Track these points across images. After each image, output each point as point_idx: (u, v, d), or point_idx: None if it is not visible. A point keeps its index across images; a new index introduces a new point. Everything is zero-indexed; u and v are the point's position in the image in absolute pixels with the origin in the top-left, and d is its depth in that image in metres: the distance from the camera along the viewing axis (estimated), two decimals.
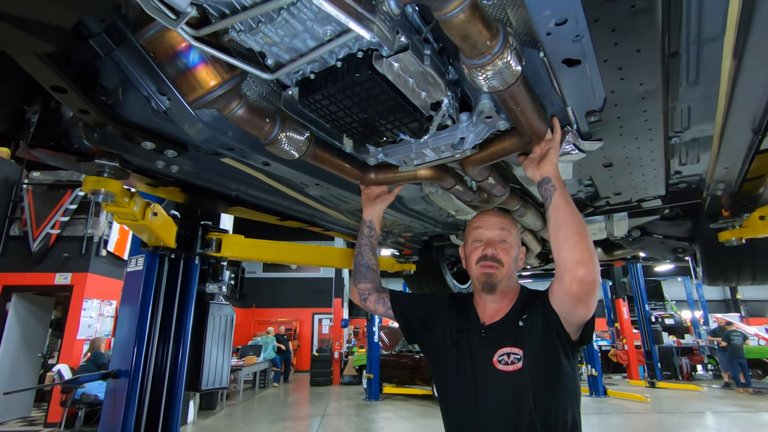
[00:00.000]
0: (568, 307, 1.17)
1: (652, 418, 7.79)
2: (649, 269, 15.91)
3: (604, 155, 1.39)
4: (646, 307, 11.95)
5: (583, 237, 1.12)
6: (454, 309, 1.41)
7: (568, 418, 1.18)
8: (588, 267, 1.09)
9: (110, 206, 1.44)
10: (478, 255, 1.33)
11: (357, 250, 1.58)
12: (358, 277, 1.55)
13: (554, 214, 1.18)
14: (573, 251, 1.11)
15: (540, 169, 1.23)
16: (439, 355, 1.36)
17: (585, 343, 1.24)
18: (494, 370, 1.21)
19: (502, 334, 1.26)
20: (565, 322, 1.19)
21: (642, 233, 2.53)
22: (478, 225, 1.37)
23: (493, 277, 1.31)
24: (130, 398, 1.95)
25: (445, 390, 1.33)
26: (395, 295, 1.52)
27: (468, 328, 1.33)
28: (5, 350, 7.83)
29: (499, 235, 1.34)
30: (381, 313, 1.52)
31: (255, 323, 17.31)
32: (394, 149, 1.37)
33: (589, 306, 1.16)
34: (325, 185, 1.64)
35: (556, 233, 1.15)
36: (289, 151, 1.23)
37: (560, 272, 1.14)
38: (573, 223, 1.14)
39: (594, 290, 1.12)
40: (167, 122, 1.22)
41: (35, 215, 8.13)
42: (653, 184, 1.64)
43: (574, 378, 1.23)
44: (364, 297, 1.54)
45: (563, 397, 1.19)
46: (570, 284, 1.11)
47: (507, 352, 1.22)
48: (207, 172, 1.54)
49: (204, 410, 8.76)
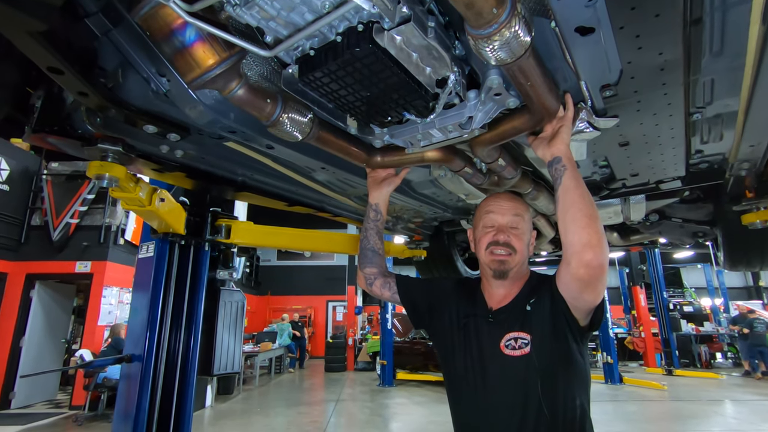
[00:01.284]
0: (575, 292, 1.13)
1: (668, 405, 7.69)
2: (668, 256, 15.60)
3: (620, 133, 1.32)
4: (664, 294, 11.72)
5: (592, 219, 1.07)
6: (462, 294, 1.39)
7: (576, 404, 1.15)
8: (596, 251, 1.05)
9: (116, 191, 1.44)
10: (488, 240, 1.30)
11: (363, 234, 1.55)
12: (364, 261, 1.53)
13: (563, 195, 1.13)
14: (581, 234, 1.06)
15: (551, 148, 1.18)
16: (446, 340, 1.33)
17: (594, 329, 1.20)
18: (501, 355, 1.19)
19: (509, 318, 1.23)
20: (572, 307, 1.15)
21: (660, 217, 2.43)
22: (489, 209, 1.33)
23: (505, 264, 1.28)
24: (144, 382, 1.98)
25: (451, 375, 1.31)
26: (402, 280, 1.50)
27: (475, 313, 1.30)
28: (30, 336, 8.10)
29: (512, 221, 1.30)
30: (387, 297, 1.50)
31: (270, 310, 17.59)
32: (400, 130, 1.33)
33: (597, 291, 1.11)
34: (331, 169, 1.61)
35: (564, 215, 1.11)
36: (291, 132, 1.20)
37: (567, 256, 1.10)
38: (582, 204, 1.09)
39: (601, 275, 1.08)
40: (169, 105, 1.20)
41: (55, 205, 8.32)
42: (672, 165, 1.57)
43: (583, 364, 1.20)
44: (370, 282, 1.52)
45: (572, 384, 1.16)
46: (577, 268, 1.07)
47: (514, 337, 1.19)
48: (212, 156, 1.52)
49: (221, 395, 8.98)
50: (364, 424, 6.66)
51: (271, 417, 7.10)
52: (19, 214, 8.32)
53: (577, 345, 1.18)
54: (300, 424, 6.57)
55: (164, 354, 2.10)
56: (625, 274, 14.14)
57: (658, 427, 6.21)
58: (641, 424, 6.36)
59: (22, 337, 7.98)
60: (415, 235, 2.80)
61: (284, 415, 7.24)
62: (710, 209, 2.36)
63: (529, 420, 1.13)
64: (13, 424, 6.58)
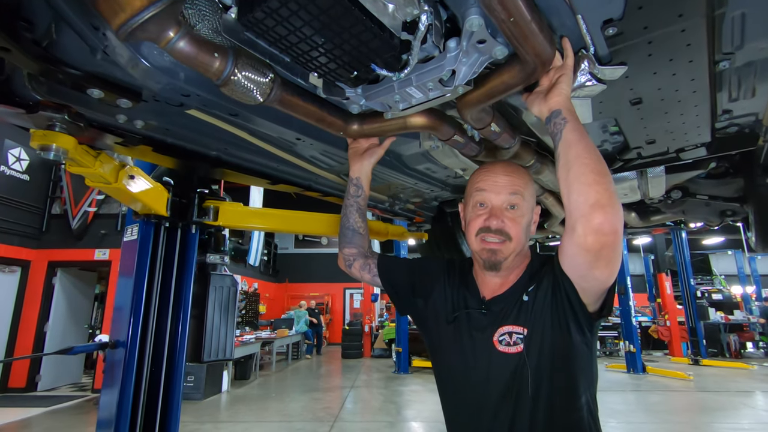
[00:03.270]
0: (583, 268, 0.94)
1: (694, 396, 7.39)
2: (696, 242, 15.01)
3: (631, 87, 1.12)
4: (692, 282, 11.25)
5: (600, 176, 0.88)
6: (452, 280, 1.23)
7: (581, 404, 1.00)
8: (607, 212, 0.85)
9: (73, 166, 1.33)
10: (479, 225, 1.12)
11: (343, 212, 1.42)
12: (343, 241, 1.40)
13: (564, 151, 0.94)
14: (587, 192, 0.87)
15: (547, 101, 1.00)
16: (433, 330, 1.19)
17: (605, 315, 1.02)
18: (495, 351, 1.04)
19: (504, 310, 1.08)
20: (580, 289, 0.98)
21: (683, 194, 2.19)
22: (481, 186, 1.14)
23: (497, 254, 1.10)
24: (128, 368, 1.91)
25: (441, 371, 1.18)
26: (383, 260, 1.36)
27: (466, 302, 1.14)
28: (54, 322, 8.36)
29: (508, 200, 1.11)
30: (368, 280, 1.36)
31: (288, 298, 17.78)
32: (375, 91, 1.17)
33: (610, 266, 0.92)
34: (308, 140, 1.47)
35: (567, 173, 0.92)
36: (248, 93, 1.05)
37: (571, 222, 0.90)
38: (588, 159, 0.90)
39: (616, 244, 0.88)
40: (112, 65, 1.08)
41: (73, 194, 8.47)
42: (695, 128, 1.35)
43: (589, 357, 1.03)
44: (349, 263, 1.39)
45: (574, 380, 1.01)
46: (584, 235, 0.87)
47: (509, 332, 1.04)
48: (177, 127, 1.40)
49: (238, 380, 9.10)
50: (377, 410, 6.62)
51: (286, 402, 7.14)
52: (39, 203, 8.53)
53: (582, 336, 1.01)
54: (314, 410, 6.58)
55: (151, 340, 2.03)
56: (650, 260, 13.66)
57: (683, 419, 5.95)
58: (664, 415, 6.11)
59: (46, 323, 8.24)
60: (416, 217, 2.64)
61: (299, 400, 7.28)
62: (740, 184, 2.10)
63: (522, 422, 0.99)
64: (38, 406, 6.81)
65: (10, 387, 7.74)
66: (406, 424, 5.90)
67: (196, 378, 7.29)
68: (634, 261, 16.14)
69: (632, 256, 14.30)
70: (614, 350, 12.61)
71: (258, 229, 2.12)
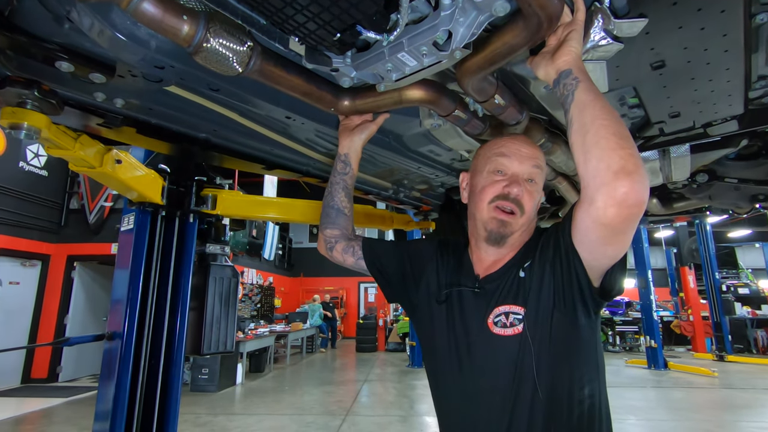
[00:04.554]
0: (597, 243, 0.84)
1: (718, 393, 7.12)
2: (721, 235, 14.48)
3: (652, 47, 0.98)
4: (716, 276, 10.85)
5: (624, 139, 0.77)
6: (444, 259, 1.13)
7: (584, 394, 0.89)
8: (635, 180, 0.73)
9: (52, 149, 1.27)
10: (495, 192, 1.03)
11: (327, 190, 1.32)
12: (325, 221, 1.30)
13: (578, 113, 0.82)
14: (610, 157, 0.75)
15: (555, 61, 0.88)
16: (424, 316, 1.10)
17: (613, 293, 0.90)
18: (489, 334, 0.94)
19: (499, 288, 0.98)
20: (589, 266, 0.87)
21: (710, 177, 2.03)
22: (503, 151, 1.05)
23: (507, 227, 1.01)
24: (124, 360, 1.87)
25: (431, 358, 1.08)
26: (368, 243, 1.26)
27: (459, 282, 1.05)
28: (73, 314, 8.54)
29: (530, 172, 1.04)
30: (351, 264, 1.26)
31: (303, 292, 17.87)
32: (364, 59, 1.07)
33: (625, 241, 0.82)
34: (298, 119, 1.38)
35: (583, 137, 0.80)
36: (225, 62, 0.96)
37: (590, 192, 0.78)
38: (608, 120, 0.78)
39: (638, 216, 0.77)
40: (83, 37, 1.00)
41: (90, 189, 8.60)
42: (725, 97, 1.20)
43: (594, 343, 0.93)
44: (331, 245, 1.29)
45: (578, 368, 0.90)
46: (605, 208, 0.76)
47: (505, 312, 0.94)
48: (161, 107, 1.32)
49: (253, 372, 9.17)
50: (389, 404, 6.56)
51: (299, 395, 7.14)
52: (58, 198, 8.69)
53: (587, 317, 0.91)
54: (326, 404, 6.56)
55: (149, 332, 1.98)
56: (672, 254, 13.25)
57: (706, 417, 5.71)
58: (687, 412, 5.89)
59: (66, 315, 8.42)
60: (423, 205, 2.53)
61: (312, 394, 7.27)
62: None
63: (522, 413, 0.89)
64: (59, 397, 6.96)
65: (32, 378, 7.95)
66: (418, 418, 5.82)
67: (211, 370, 7.34)
68: (656, 254, 15.69)
69: (653, 249, 13.88)
70: (634, 345, 12.30)
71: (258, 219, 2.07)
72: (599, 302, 0.91)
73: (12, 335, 7.65)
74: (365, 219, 2.38)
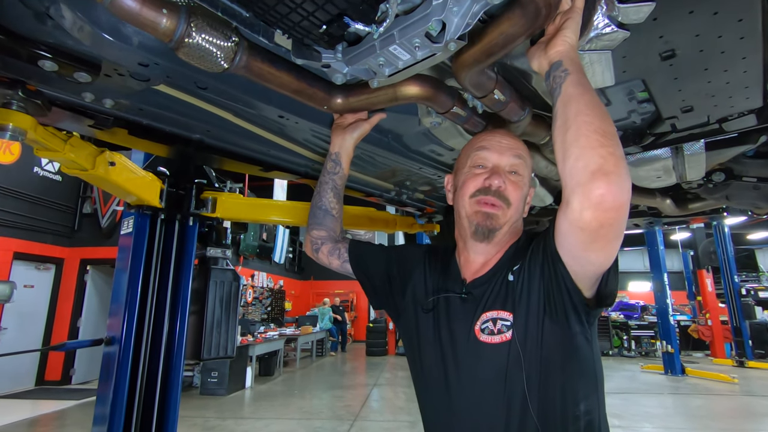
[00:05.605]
0: (576, 248, 0.78)
1: (739, 401, 6.89)
2: (740, 237, 14.13)
3: (661, 34, 0.91)
4: (735, 279, 10.55)
5: (606, 137, 0.71)
6: (432, 264, 1.08)
7: (580, 411, 0.83)
8: (612, 181, 0.68)
9: (41, 151, 1.25)
10: (476, 185, 0.99)
11: (316, 190, 1.28)
12: (313, 222, 1.26)
13: (562, 108, 0.77)
14: (588, 156, 0.70)
15: (548, 51, 0.83)
16: (409, 323, 1.04)
17: (603, 304, 0.84)
18: (476, 342, 0.88)
19: (487, 293, 0.92)
20: (574, 273, 0.81)
21: (726, 176, 1.94)
22: (483, 144, 1.02)
23: (493, 219, 0.97)
24: (122, 365, 1.84)
25: (417, 367, 1.02)
26: (355, 246, 1.21)
27: (446, 287, 1.00)
28: (87, 317, 8.64)
29: (512, 163, 1.00)
30: (336, 267, 1.22)
31: (313, 295, 17.88)
32: (355, 53, 1.02)
33: (608, 247, 0.76)
34: (292, 118, 1.33)
35: (563, 134, 0.74)
36: (208, 58, 0.93)
37: (566, 193, 0.73)
38: (591, 116, 0.73)
39: (618, 222, 0.71)
40: (66, 35, 0.98)
41: (102, 194, 8.71)
42: (742, 89, 1.12)
43: (590, 354, 0.86)
44: (317, 247, 1.25)
45: (573, 381, 0.84)
46: (580, 210, 0.71)
47: (493, 318, 0.88)
48: (151, 107, 1.29)
49: (262, 376, 9.17)
50: (398, 410, 6.49)
51: (307, 399, 7.11)
52: (71, 202, 8.82)
53: (580, 326, 0.85)
54: (334, 408, 6.51)
55: (148, 336, 1.96)
56: (689, 256, 12.94)
57: (726, 425, 5.52)
58: (706, 420, 5.70)
59: (79, 318, 8.52)
60: (427, 207, 2.47)
61: (321, 398, 7.24)
62: None
63: (512, 429, 0.82)
64: (72, 399, 7.03)
65: (46, 380, 8.05)
66: None
67: (220, 374, 7.35)
68: (672, 257, 15.37)
69: (669, 252, 13.59)
70: (650, 350, 12.02)
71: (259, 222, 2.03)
72: (590, 311, 0.85)
73: (27, 338, 7.76)
74: (368, 222, 2.33)
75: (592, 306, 0.84)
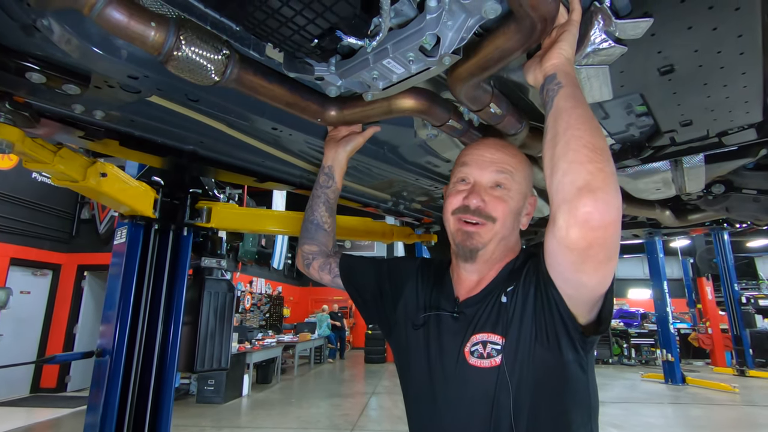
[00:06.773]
0: (566, 270, 0.74)
1: (740, 410, 6.83)
2: (740, 245, 14.08)
3: (659, 50, 0.90)
4: (735, 287, 10.50)
5: (596, 152, 0.68)
6: (426, 280, 1.06)
7: None
8: (598, 198, 0.64)
9: (30, 162, 1.23)
10: (456, 203, 0.96)
11: (309, 203, 1.26)
12: (304, 236, 1.24)
13: (553, 122, 0.74)
14: (576, 171, 0.67)
15: (542, 64, 0.81)
16: (400, 339, 1.02)
17: (601, 330, 0.81)
18: (465, 364, 0.86)
19: (478, 313, 0.89)
20: (568, 297, 0.78)
21: (726, 188, 1.92)
22: (465, 160, 1.00)
23: (474, 238, 0.93)
24: (113, 377, 1.81)
25: (406, 386, 1.00)
26: (346, 260, 1.19)
27: (438, 305, 0.97)
28: (83, 324, 8.58)
29: (494, 178, 0.96)
30: (327, 282, 1.20)
31: (312, 301, 17.79)
32: (349, 66, 1.00)
33: (601, 270, 0.71)
34: (285, 130, 1.32)
35: (552, 149, 0.72)
36: (198, 71, 0.91)
37: (553, 210, 0.70)
38: (581, 130, 0.70)
39: (608, 241, 0.67)
40: (54, 47, 0.96)
41: None
42: (742, 104, 1.10)
43: (585, 383, 0.83)
44: (308, 262, 1.23)
45: (565, 413, 0.80)
46: (566, 228, 0.67)
47: (483, 340, 0.85)
48: (143, 118, 1.27)
49: (260, 383, 9.09)
50: (396, 419, 6.42)
51: (305, 408, 7.04)
52: (69, 208, 8.80)
53: (574, 353, 0.81)
54: (332, 417, 6.45)
55: (140, 348, 1.93)
56: (689, 264, 12.90)
57: None
58: (706, 430, 5.64)
59: (75, 324, 8.46)
60: (424, 217, 2.45)
61: (318, 406, 7.17)
62: None
63: None
64: (66, 407, 6.96)
65: (42, 387, 7.98)
66: None
67: (217, 382, 7.28)
68: (672, 264, 15.32)
69: (669, 260, 13.55)
70: (651, 359, 11.95)
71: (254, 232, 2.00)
72: (585, 337, 0.81)
73: (22, 344, 7.70)
74: (365, 233, 2.31)
75: (588, 333, 0.81)
